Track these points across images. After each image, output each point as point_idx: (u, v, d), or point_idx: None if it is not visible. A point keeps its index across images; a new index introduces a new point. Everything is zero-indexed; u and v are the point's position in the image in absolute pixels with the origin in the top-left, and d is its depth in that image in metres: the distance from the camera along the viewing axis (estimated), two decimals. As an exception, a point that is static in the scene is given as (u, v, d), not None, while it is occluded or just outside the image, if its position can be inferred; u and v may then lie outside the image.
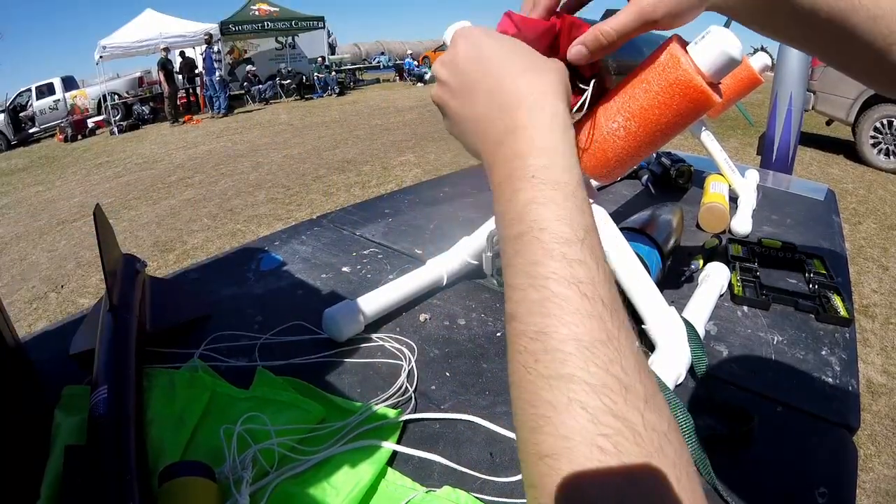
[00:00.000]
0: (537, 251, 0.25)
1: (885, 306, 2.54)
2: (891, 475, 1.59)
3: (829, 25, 0.35)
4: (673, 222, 0.76)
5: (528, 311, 0.24)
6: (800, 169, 4.47)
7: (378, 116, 8.62)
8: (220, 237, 3.79)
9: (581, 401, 0.21)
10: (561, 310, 0.23)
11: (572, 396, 0.21)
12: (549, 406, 0.22)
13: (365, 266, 0.84)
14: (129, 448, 0.43)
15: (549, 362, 0.22)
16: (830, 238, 0.98)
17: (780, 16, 0.35)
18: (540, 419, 0.22)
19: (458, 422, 0.52)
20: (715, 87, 0.37)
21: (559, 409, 0.21)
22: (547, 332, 0.23)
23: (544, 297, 0.24)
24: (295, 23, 12.54)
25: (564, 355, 0.22)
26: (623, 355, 0.22)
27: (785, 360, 0.62)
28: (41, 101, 10.94)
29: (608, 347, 0.22)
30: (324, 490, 0.43)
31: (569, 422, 0.21)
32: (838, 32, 0.35)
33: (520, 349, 0.24)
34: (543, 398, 0.22)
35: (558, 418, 0.21)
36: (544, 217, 0.25)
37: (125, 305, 0.60)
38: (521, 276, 0.25)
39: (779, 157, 3.31)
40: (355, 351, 0.63)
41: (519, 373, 0.24)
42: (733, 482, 0.45)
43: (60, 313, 2.90)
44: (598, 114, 0.40)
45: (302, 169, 5.51)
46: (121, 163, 7.05)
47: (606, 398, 0.21)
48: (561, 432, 0.21)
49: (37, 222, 4.85)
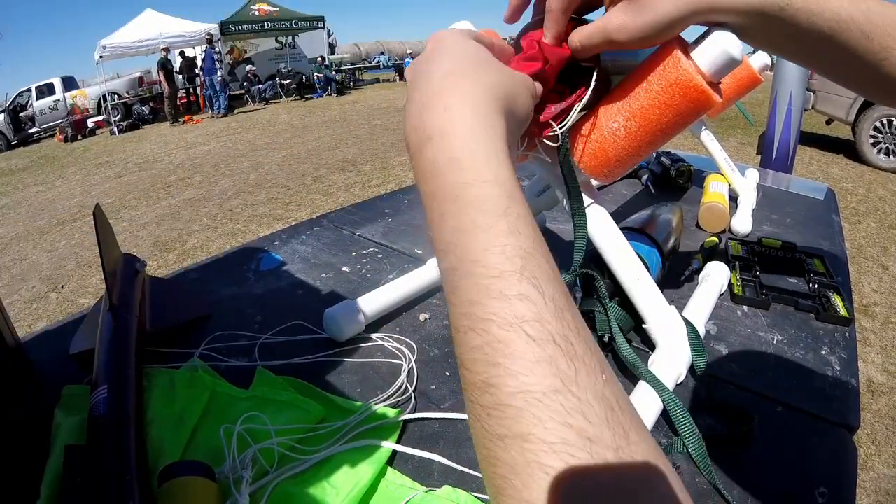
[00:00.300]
0: (472, 289, 0.22)
1: (885, 306, 2.55)
2: (891, 474, 1.59)
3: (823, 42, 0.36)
4: (673, 222, 0.76)
5: (472, 359, 0.21)
6: (800, 168, 4.47)
7: (378, 116, 8.62)
8: (220, 237, 3.79)
9: (541, 462, 0.19)
10: (505, 357, 0.20)
11: (530, 458, 0.19)
12: (508, 468, 0.19)
13: (365, 266, 0.84)
14: (129, 448, 0.43)
15: (500, 419, 0.20)
16: (830, 237, 0.98)
17: (775, 33, 0.36)
18: (501, 480, 0.20)
19: (458, 421, 0.52)
20: (715, 87, 0.37)
21: (518, 472, 0.19)
22: (494, 385, 0.20)
23: (486, 341, 0.21)
24: (295, 23, 12.54)
25: (516, 411, 0.20)
26: (583, 400, 0.19)
27: (785, 359, 0.62)
28: (41, 101, 10.94)
29: (565, 396, 0.20)
30: (324, 490, 0.43)
31: (530, 485, 0.19)
32: (832, 48, 0.36)
33: (472, 400, 0.21)
34: (501, 459, 0.20)
35: (519, 481, 0.19)
36: (474, 248, 0.22)
37: (125, 305, 0.60)
38: (460, 317, 0.22)
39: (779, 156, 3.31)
40: (355, 350, 0.63)
41: (475, 427, 0.21)
42: (733, 482, 0.45)
43: (60, 313, 2.90)
44: (598, 114, 0.40)
45: (302, 169, 5.51)
46: (121, 163, 7.05)
47: (568, 456, 0.19)
48: (524, 496, 0.19)
49: (37, 222, 4.85)
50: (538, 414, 0.19)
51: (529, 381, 0.20)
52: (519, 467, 0.19)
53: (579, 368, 0.20)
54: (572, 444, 0.19)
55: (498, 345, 0.21)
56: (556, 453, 0.18)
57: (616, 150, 0.40)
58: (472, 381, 0.21)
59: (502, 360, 0.20)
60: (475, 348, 0.21)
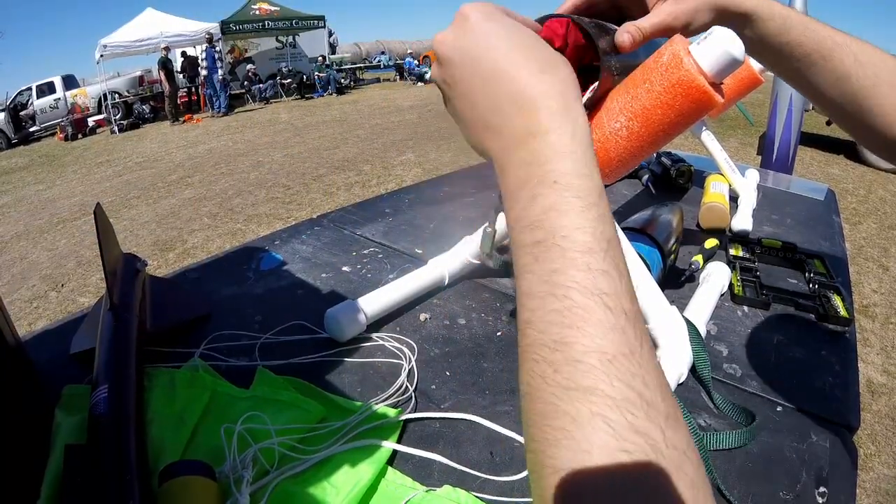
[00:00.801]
0: (558, 259, 0.24)
1: (885, 306, 2.55)
2: (891, 475, 1.59)
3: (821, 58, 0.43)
4: (673, 222, 0.76)
5: (547, 321, 0.23)
6: (800, 169, 4.47)
7: (378, 116, 8.62)
8: (220, 236, 3.79)
9: (604, 415, 0.20)
10: (583, 321, 0.22)
11: (595, 410, 0.20)
12: (569, 419, 0.21)
13: (365, 266, 0.84)
14: (130, 447, 0.43)
15: (570, 374, 0.22)
16: (830, 238, 0.98)
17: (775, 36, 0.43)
18: (558, 432, 0.21)
19: (459, 421, 0.52)
20: (717, 88, 0.37)
21: (581, 423, 0.20)
22: (568, 343, 0.22)
23: (566, 306, 0.23)
24: (295, 22, 12.52)
25: (587, 367, 0.21)
26: (645, 370, 0.22)
27: (785, 359, 0.62)
28: (42, 100, 10.93)
29: (631, 361, 0.22)
30: (324, 489, 0.43)
31: (591, 436, 0.20)
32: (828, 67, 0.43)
33: (536, 359, 0.23)
34: (563, 410, 0.21)
35: (580, 432, 0.20)
36: (566, 225, 0.24)
37: (125, 305, 0.60)
38: (539, 283, 0.24)
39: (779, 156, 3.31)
40: (355, 350, 0.63)
41: (534, 383, 0.23)
42: (733, 482, 0.45)
43: (61, 312, 2.90)
44: (600, 114, 0.40)
45: (302, 168, 5.51)
46: (121, 162, 7.05)
47: (629, 413, 0.20)
48: (582, 447, 0.20)
49: (37, 221, 4.85)
50: (607, 372, 0.21)
51: (603, 344, 0.22)
52: (583, 419, 0.20)
53: (643, 343, 0.23)
54: (633, 403, 0.20)
55: (578, 310, 0.23)
56: (619, 409, 0.20)
57: (618, 150, 0.40)
58: (540, 341, 0.23)
59: (580, 322, 0.22)
60: (553, 311, 0.23)
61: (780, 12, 0.43)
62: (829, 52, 0.43)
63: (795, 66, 0.45)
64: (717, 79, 0.36)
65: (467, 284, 0.78)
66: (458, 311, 0.71)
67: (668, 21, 0.41)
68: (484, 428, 0.51)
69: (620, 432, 0.20)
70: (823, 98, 0.46)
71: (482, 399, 0.55)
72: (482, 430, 0.51)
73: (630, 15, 0.43)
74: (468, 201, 1.14)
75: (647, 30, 0.40)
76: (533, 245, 0.25)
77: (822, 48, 0.43)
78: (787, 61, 0.45)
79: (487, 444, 0.49)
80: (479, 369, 0.60)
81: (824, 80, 0.44)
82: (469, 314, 0.70)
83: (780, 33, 0.44)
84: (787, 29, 0.43)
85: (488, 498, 0.43)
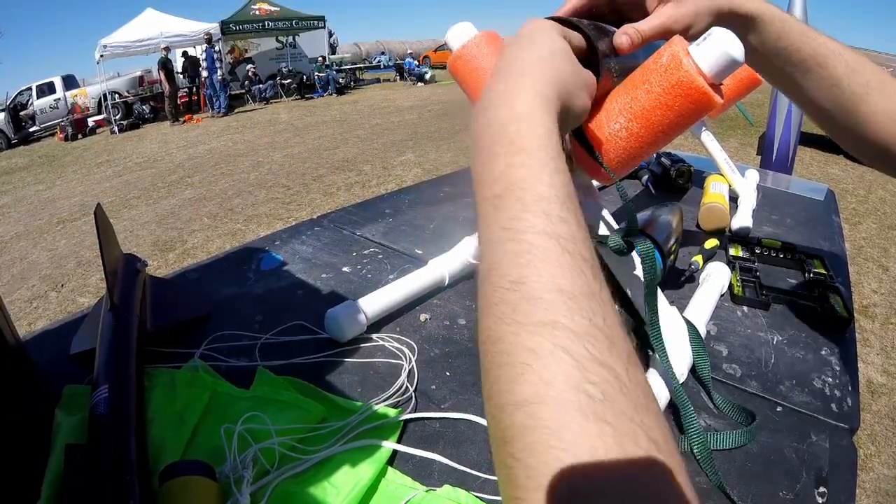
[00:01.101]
0: (516, 207, 0.25)
1: (885, 306, 2.55)
2: (891, 475, 1.59)
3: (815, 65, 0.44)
4: (673, 222, 0.76)
5: (505, 263, 0.23)
6: (800, 169, 4.47)
7: (378, 116, 8.62)
8: (220, 237, 3.79)
9: (565, 347, 0.20)
10: (542, 262, 0.22)
11: (556, 342, 0.20)
12: (530, 353, 0.20)
13: (365, 266, 0.84)
14: (130, 447, 0.43)
15: (529, 310, 0.21)
16: (830, 238, 0.98)
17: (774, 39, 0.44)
18: (519, 367, 0.20)
19: (459, 421, 0.52)
20: (716, 88, 0.37)
21: (542, 355, 0.20)
22: (526, 283, 0.22)
23: (524, 248, 0.23)
24: (295, 22, 12.52)
25: (546, 303, 0.21)
26: (605, 311, 0.21)
27: (785, 360, 0.62)
28: (42, 100, 10.93)
29: (591, 300, 0.21)
30: (324, 489, 0.43)
31: (553, 367, 0.20)
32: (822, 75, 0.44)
33: (495, 301, 0.23)
34: (524, 346, 0.21)
35: (540, 364, 0.20)
36: (524, 177, 0.25)
37: (126, 305, 0.60)
38: (498, 230, 0.25)
39: (779, 157, 3.31)
40: (355, 351, 0.63)
41: (494, 326, 0.22)
42: (734, 482, 0.45)
43: (61, 312, 2.90)
44: (600, 115, 0.40)
45: (302, 168, 5.51)
46: (121, 162, 7.05)
47: (592, 347, 0.20)
48: (544, 378, 0.19)
49: (37, 221, 4.85)
50: (568, 307, 0.21)
51: (562, 283, 0.22)
52: (544, 351, 0.20)
53: (602, 288, 0.23)
54: (595, 338, 0.20)
55: (536, 251, 0.23)
56: (582, 342, 0.20)
57: (618, 151, 0.40)
58: (498, 283, 0.23)
59: (540, 263, 0.22)
60: (511, 253, 0.23)
61: (780, 17, 0.44)
62: (825, 58, 0.44)
63: (790, 71, 0.45)
64: (716, 79, 0.37)
65: (467, 285, 0.78)
66: (458, 312, 0.71)
67: (668, 24, 0.41)
68: (484, 428, 0.51)
69: (584, 364, 0.19)
70: (815, 105, 0.47)
71: (482, 399, 0.55)
72: (482, 430, 0.51)
73: (630, 18, 0.43)
74: (468, 202, 1.14)
75: (647, 32, 0.41)
76: (493, 198, 0.26)
77: (818, 54, 0.44)
78: (783, 67, 0.45)
79: (487, 443, 0.49)
80: (478, 369, 0.59)
81: (818, 87, 0.45)
82: (469, 314, 0.70)
83: (779, 38, 0.44)
84: (786, 34, 0.44)
85: (488, 498, 0.43)
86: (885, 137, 0.45)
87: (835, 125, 0.47)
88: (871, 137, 0.45)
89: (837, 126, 0.47)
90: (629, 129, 0.39)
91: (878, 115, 0.44)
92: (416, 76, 13.51)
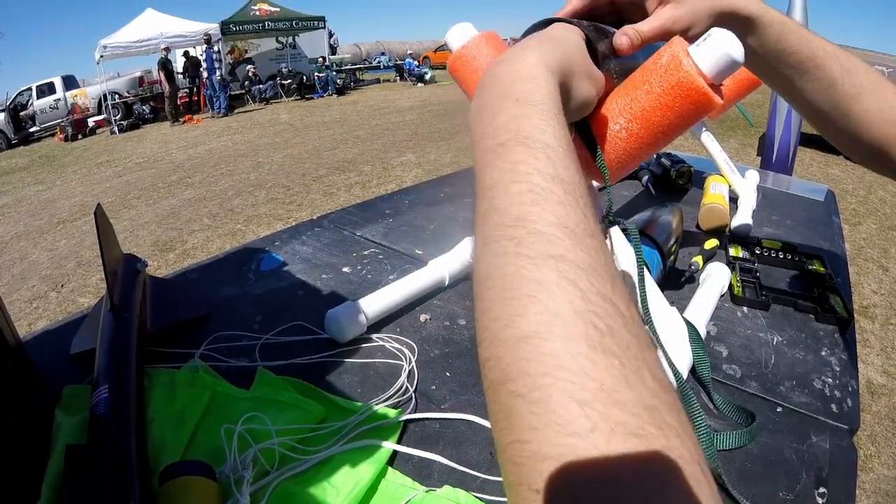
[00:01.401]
0: (521, 152, 0.25)
1: (885, 307, 2.55)
2: (891, 475, 1.59)
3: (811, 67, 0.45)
4: (673, 223, 0.76)
5: (507, 202, 0.23)
6: (800, 169, 4.47)
7: (378, 116, 8.62)
8: (220, 237, 3.79)
9: (571, 279, 0.20)
10: (546, 200, 0.23)
11: (562, 274, 0.20)
12: (534, 285, 0.20)
13: (365, 266, 0.84)
14: (130, 447, 0.43)
15: (533, 243, 0.21)
16: (830, 238, 0.98)
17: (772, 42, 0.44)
18: (524, 300, 0.20)
19: (458, 421, 0.52)
20: (716, 89, 0.37)
21: (548, 287, 0.20)
22: (531, 219, 0.22)
23: (528, 188, 0.23)
24: (295, 23, 12.52)
25: (550, 237, 0.21)
26: (605, 251, 0.22)
27: (785, 360, 0.62)
28: (42, 101, 10.93)
29: (594, 240, 0.22)
30: (324, 489, 0.43)
31: (559, 298, 0.19)
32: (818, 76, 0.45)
33: (496, 237, 0.22)
34: (528, 278, 0.20)
35: (546, 295, 0.19)
36: (528, 126, 0.26)
37: (126, 305, 0.60)
38: (501, 174, 0.25)
39: (779, 157, 3.31)
40: (355, 351, 0.63)
41: (495, 261, 0.22)
42: (734, 482, 0.45)
43: (61, 313, 2.90)
44: (600, 116, 0.40)
45: (302, 169, 5.51)
46: (121, 162, 7.05)
47: (596, 281, 0.20)
48: (550, 308, 0.19)
49: (37, 221, 4.85)
50: (573, 241, 0.21)
51: (566, 220, 0.22)
52: (549, 283, 0.20)
53: (602, 239, 0.23)
54: (599, 274, 0.20)
55: (540, 190, 0.23)
56: (586, 274, 0.20)
57: (618, 151, 0.40)
58: (502, 222, 0.23)
59: (543, 202, 0.23)
60: (515, 193, 0.23)
61: (779, 19, 0.44)
62: (822, 60, 0.44)
63: (787, 73, 0.46)
64: (716, 80, 0.37)
65: (467, 285, 0.78)
66: (458, 312, 0.71)
67: (668, 25, 0.41)
68: (484, 428, 0.51)
69: (589, 296, 0.19)
70: (811, 107, 0.47)
71: (482, 399, 0.55)
72: (482, 430, 0.51)
73: (629, 19, 0.43)
74: (468, 202, 1.14)
75: (646, 33, 0.41)
76: (496, 146, 0.26)
77: (815, 56, 0.44)
78: (781, 68, 0.46)
79: (487, 444, 0.49)
80: (478, 370, 0.59)
81: (815, 89, 0.46)
82: (469, 314, 0.70)
83: (778, 40, 0.44)
84: (785, 36, 0.44)
85: (488, 498, 0.43)
86: (877, 137, 0.45)
87: (830, 126, 0.48)
88: (863, 137, 0.46)
89: (832, 127, 0.48)
90: (629, 130, 0.39)
91: (870, 115, 0.45)
92: (416, 77, 13.51)
